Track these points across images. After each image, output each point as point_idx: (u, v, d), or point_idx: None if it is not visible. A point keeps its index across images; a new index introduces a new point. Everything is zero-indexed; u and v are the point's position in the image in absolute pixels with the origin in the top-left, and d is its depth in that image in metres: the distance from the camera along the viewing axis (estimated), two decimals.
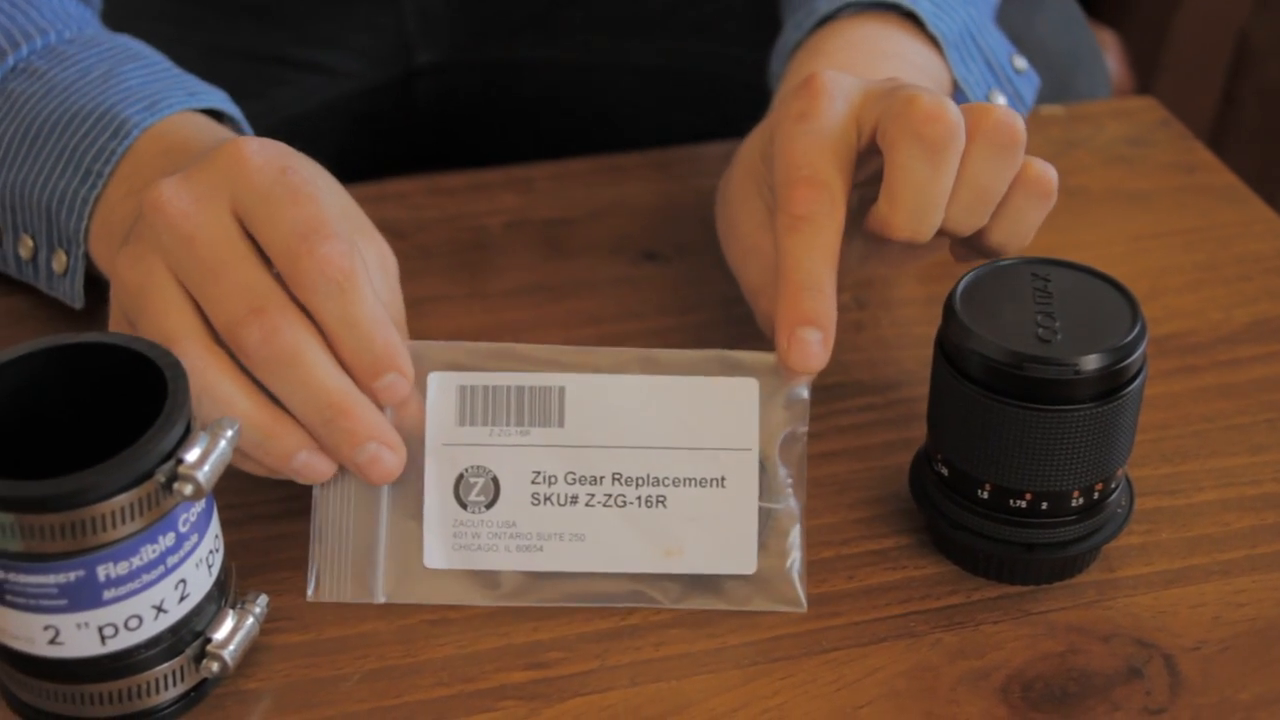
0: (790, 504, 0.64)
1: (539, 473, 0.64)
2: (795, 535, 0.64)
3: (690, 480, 0.64)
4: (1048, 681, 0.61)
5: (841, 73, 0.68)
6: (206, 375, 0.60)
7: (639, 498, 0.64)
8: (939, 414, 0.64)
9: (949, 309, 0.62)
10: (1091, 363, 0.60)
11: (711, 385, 0.64)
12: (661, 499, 0.64)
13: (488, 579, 0.64)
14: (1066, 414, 0.60)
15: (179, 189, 0.62)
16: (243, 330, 0.60)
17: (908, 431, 0.72)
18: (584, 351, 0.65)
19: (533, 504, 0.64)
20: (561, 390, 0.64)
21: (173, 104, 0.72)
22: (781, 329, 0.63)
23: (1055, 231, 0.85)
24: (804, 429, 0.64)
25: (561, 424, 0.64)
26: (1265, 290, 0.81)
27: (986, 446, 0.62)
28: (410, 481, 0.64)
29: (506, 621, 0.63)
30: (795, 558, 0.64)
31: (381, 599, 0.64)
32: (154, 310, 0.61)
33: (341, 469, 0.63)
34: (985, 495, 0.63)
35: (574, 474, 0.64)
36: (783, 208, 0.65)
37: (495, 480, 0.64)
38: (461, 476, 0.64)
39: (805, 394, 0.64)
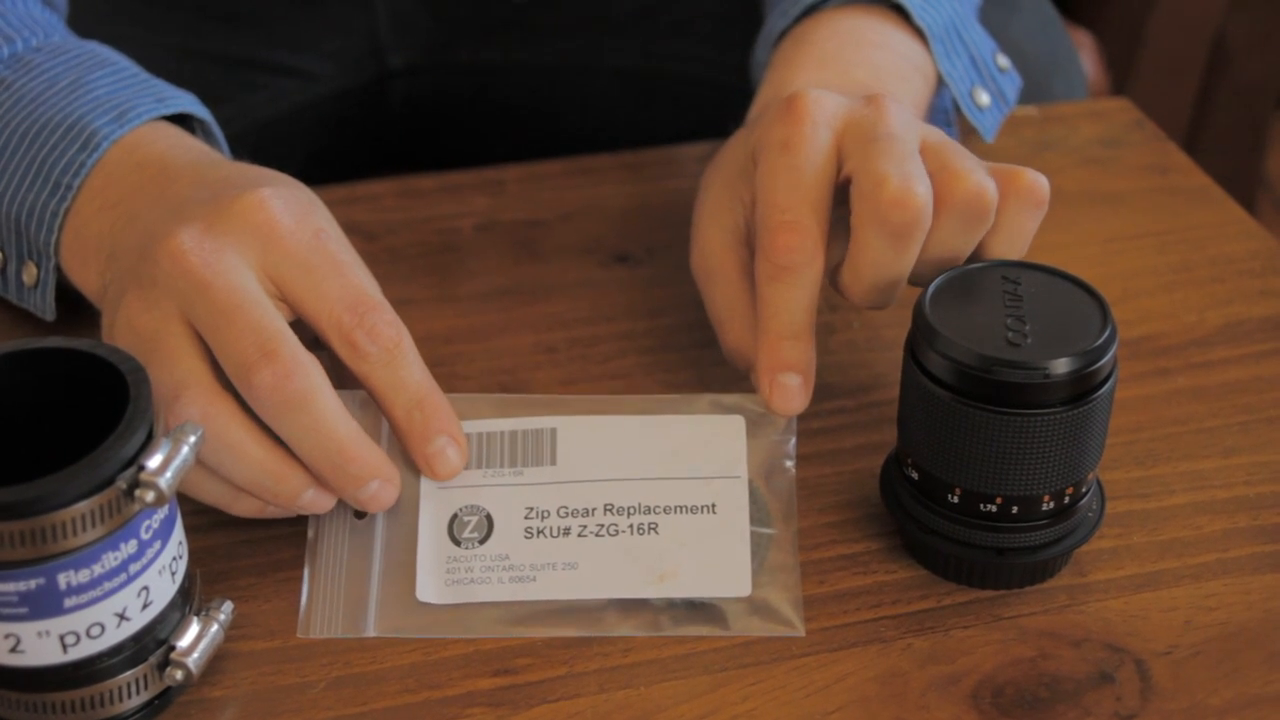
0: (782, 530, 0.64)
1: (532, 509, 0.65)
2: (790, 560, 0.64)
3: (681, 508, 0.64)
4: (1018, 687, 0.61)
5: (824, 93, 0.68)
6: (216, 421, 0.61)
7: (631, 525, 0.64)
8: (909, 418, 0.64)
9: (918, 312, 0.62)
10: (1061, 366, 0.59)
11: (699, 422, 0.66)
12: (653, 526, 0.64)
13: (481, 611, 0.63)
14: (1036, 418, 0.60)
15: (200, 241, 0.62)
16: (254, 374, 0.60)
17: (878, 435, 0.71)
18: (581, 401, 0.67)
19: (525, 538, 0.64)
20: (553, 432, 0.65)
21: (142, 112, 0.71)
22: (763, 375, 0.66)
23: None
24: (791, 462, 0.66)
25: (553, 462, 0.65)
26: (1238, 292, 0.81)
27: (956, 451, 0.61)
28: (405, 521, 0.65)
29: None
30: (792, 582, 0.64)
31: (372, 633, 0.63)
32: (166, 354, 0.62)
33: (339, 504, 0.64)
34: (956, 499, 0.63)
35: (566, 508, 0.65)
36: (765, 255, 0.66)
37: (489, 517, 0.64)
38: (455, 515, 0.64)
39: (792, 429, 0.66)
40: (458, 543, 0.64)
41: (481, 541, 0.64)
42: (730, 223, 0.71)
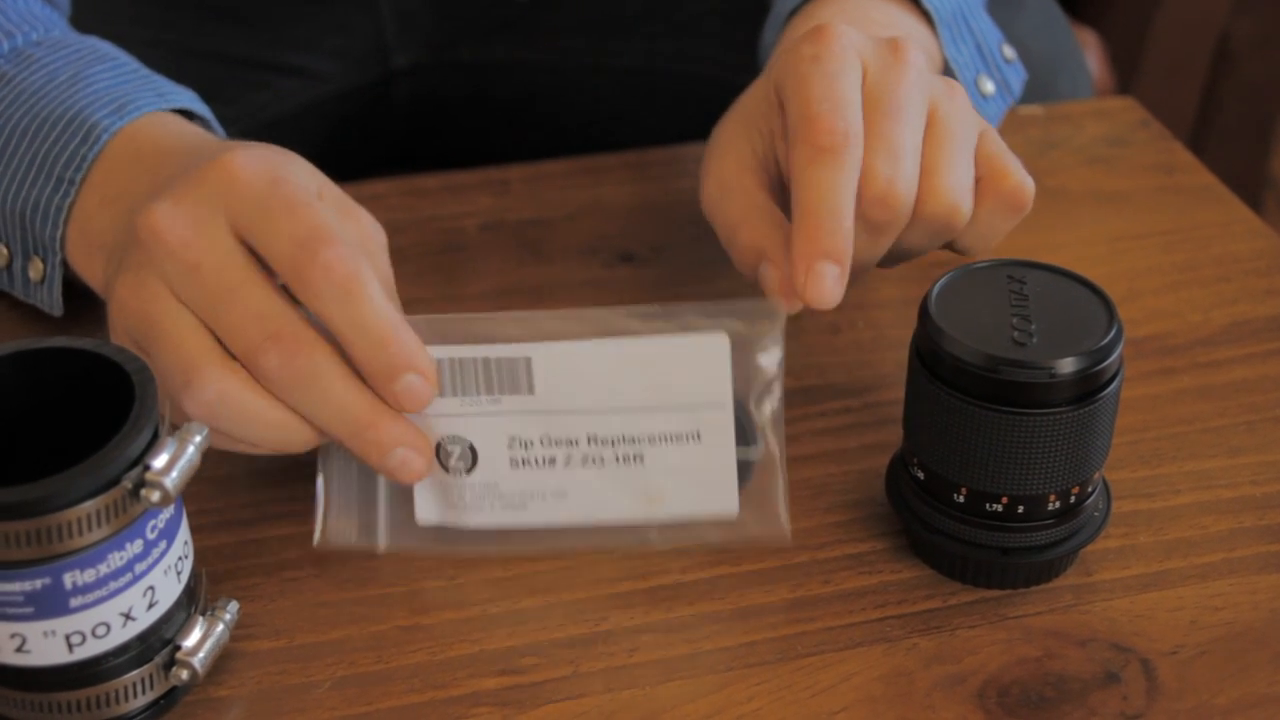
0: (768, 448, 0.64)
1: (514, 438, 0.64)
2: (777, 476, 0.64)
3: (665, 436, 0.64)
4: (1024, 686, 0.61)
5: (849, 27, 0.68)
6: (233, 395, 0.60)
7: (616, 455, 0.64)
8: (914, 417, 0.64)
9: (924, 312, 0.62)
10: (1067, 366, 0.59)
11: (681, 344, 0.63)
12: (639, 456, 0.64)
13: (481, 535, 0.64)
14: (1042, 417, 0.60)
15: (173, 212, 0.62)
16: (261, 357, 0.60)
17: (884, 435, 0.71)
18: (558, 318, 0.64)
19: (511, 467, 0.64)
20: (528, 361, 0.63)
21: (141, 105, 0.71)
22: (799, 262, 0.63)
23: (1033, 232, 0.85)
24: (777, 382, 0.64)
25: (532, 391, 0.63)
26: (1244, 291, 0.81)
27: (962, 450, 0.61)
28: None
29: (479, 628, 0.63)
30: (778, 493, 0.64)
31: (383, 544, 0.64)
32: (168, 338, 0.61)
33: None
34: (961, 499, 0.62)
35: (549, 437, 0.64)
36: (803, 139, 0.64)
37: (472, 448, 0.64)
38: (440, 444, 0.64)
39: (778, 340, 0.64)
40: (446, 470, 0.64)
41: (468, 471, 0.64)
42: (748, 150, 0.70)
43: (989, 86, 0.83)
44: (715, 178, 0.71)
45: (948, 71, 0.82)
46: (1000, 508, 0.62)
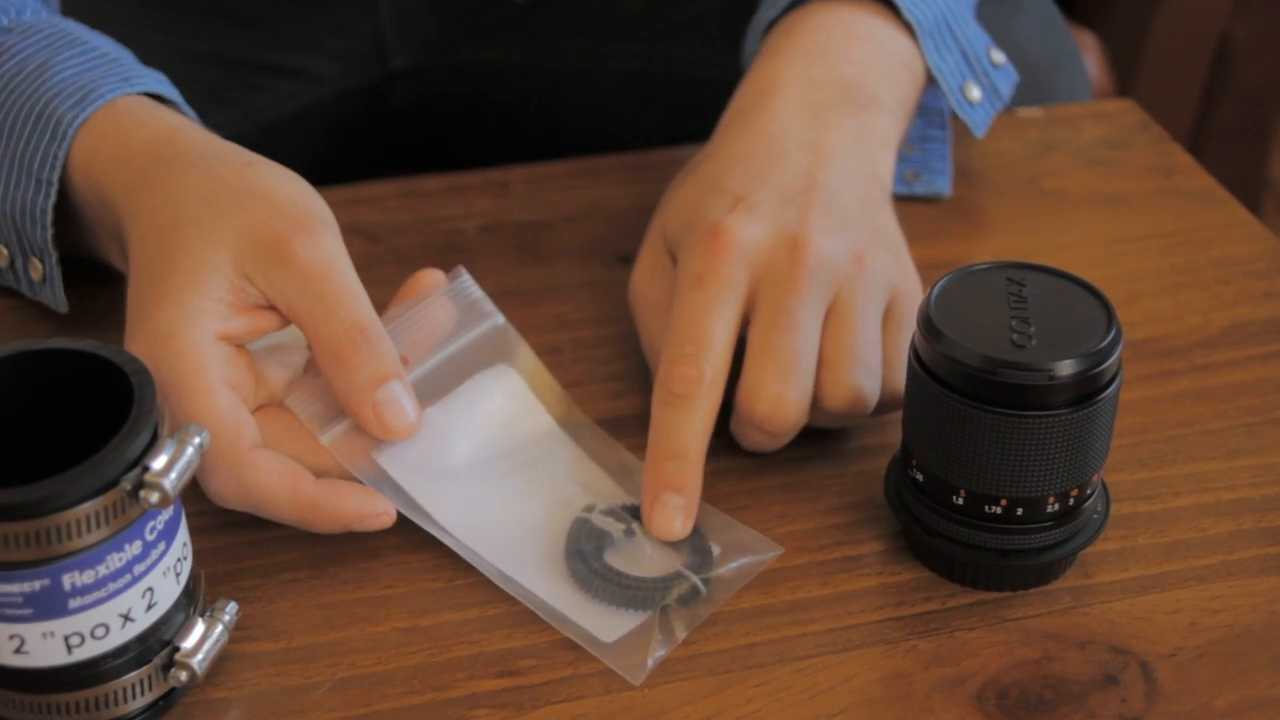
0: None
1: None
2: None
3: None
4: (1023, 689, 0.61)
5: (749, 224, 0.69)
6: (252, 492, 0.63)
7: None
8: (914, 419, 0.64)
9: (923, 314, 0.62)
10: (1066, 368, 0.59)
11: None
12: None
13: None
14: (1041, 420, 0.60)
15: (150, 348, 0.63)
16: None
17: (883, 437, 0.71)
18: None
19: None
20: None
21: (104, 93, 0.71)
22: (647, 494, 0.66)
23: (1032, 234, 0.85)
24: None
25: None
26: (1243, 294, 0.81)
27: (961, 452, 0.61)
28: None
29: (478, 629, 0.63)
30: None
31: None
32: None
33: None
34: (960, 501, 0.62)
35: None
36: (662, 382, 0.67)
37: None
38: None
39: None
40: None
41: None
42: (666, 286, 0.72)
43: (975, 93, 0.83)
44: (635, 284, 0.74)
45: (931, 80, 0.82)
46: (999, 510, 0.62)
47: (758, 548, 0.66)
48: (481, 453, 0.68)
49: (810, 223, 0.69)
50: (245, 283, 0.64)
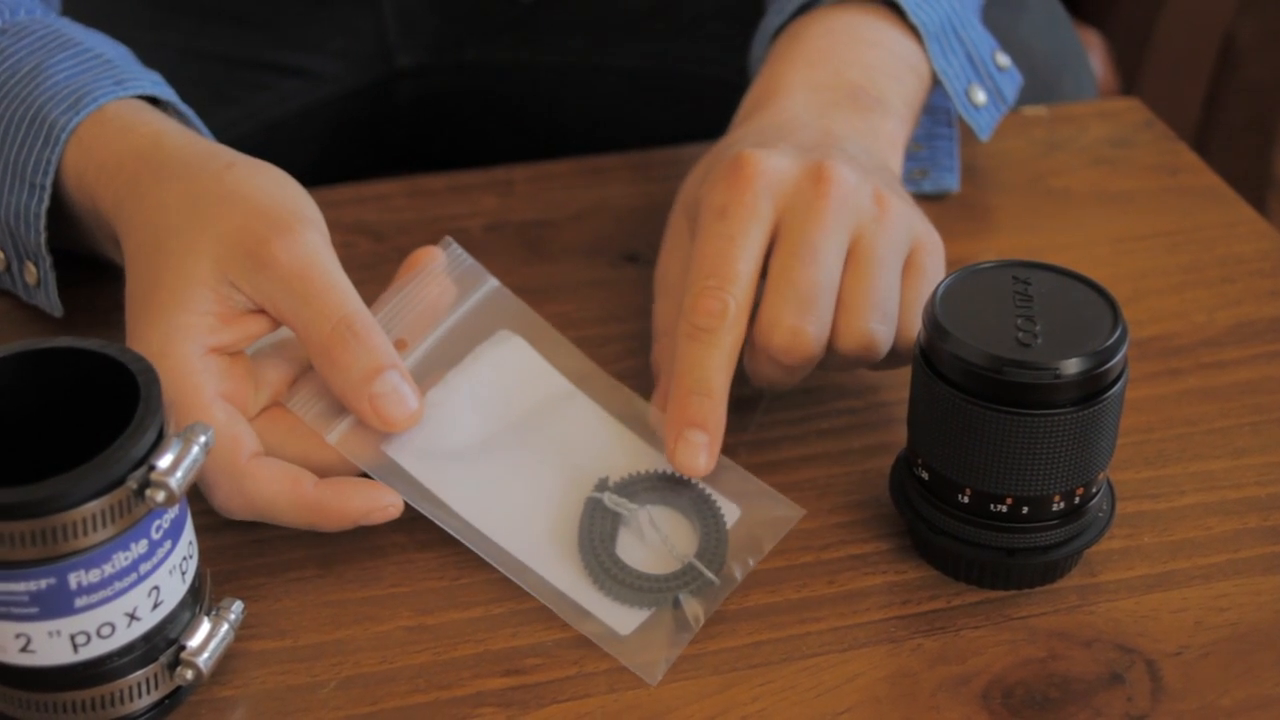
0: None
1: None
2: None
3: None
4: (1029, 687, 0.61)
5: (771, 156, 0.68)
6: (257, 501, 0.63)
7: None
8: (919, 418, 0.63)
9: (928, 312, 0.62)
10: (1072, 367, 0.59)
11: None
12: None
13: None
14: (1047, 418, 0.60)
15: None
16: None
17: (888, 435, 0.71)
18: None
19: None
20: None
21: (97, 97, 0.70)
22: (670, 429, 0.66)
23: (1037, 233, 0.85)
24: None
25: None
26: (1249, 292, 0.81)
27: (967, 451, 0.61)
28: None
29: (484, 628, 0.63)
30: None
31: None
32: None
33: None
34: (966, 500, 0.62)
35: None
36: (685, 314, 0.66)
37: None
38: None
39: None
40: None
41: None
42: (688, 245, 0.71)
43: (980, 96, 0.83)
44: (660, 267, 0.74)
45: (937, 84, 0.82)
46: (1005, 508, 0.62)
47: (779, 509, 0.66)
48: (491, 425, 0.68)
49: (834, 158, 0.69)
50: (231, 290, 0.63)
